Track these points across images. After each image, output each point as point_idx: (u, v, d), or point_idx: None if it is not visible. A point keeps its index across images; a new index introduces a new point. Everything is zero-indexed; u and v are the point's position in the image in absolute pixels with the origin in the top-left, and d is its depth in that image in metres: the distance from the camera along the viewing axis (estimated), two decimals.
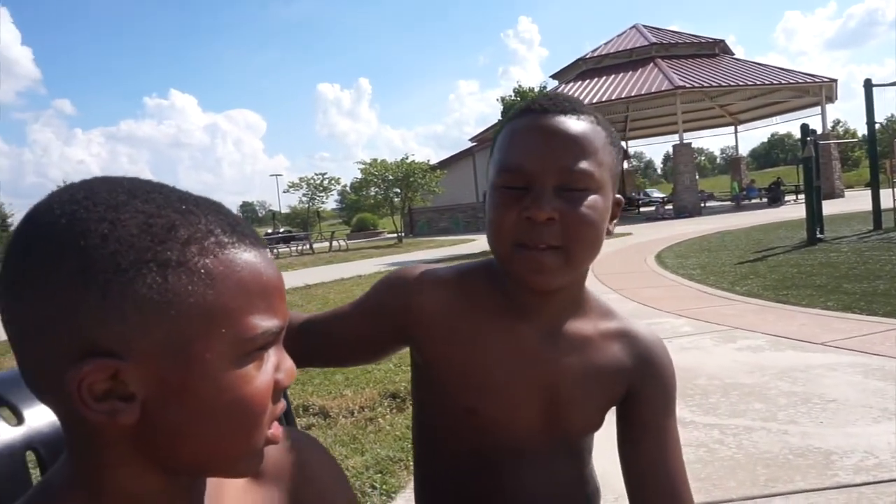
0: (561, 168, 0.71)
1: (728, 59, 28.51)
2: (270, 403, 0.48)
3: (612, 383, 0.81)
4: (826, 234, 9.69)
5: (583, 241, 0.72)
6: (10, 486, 0.60)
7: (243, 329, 0.45)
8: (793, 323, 4.44)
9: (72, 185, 0.45)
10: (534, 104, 0.76)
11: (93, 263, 0.41)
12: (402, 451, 2.66)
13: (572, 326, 0.81)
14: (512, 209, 0.72)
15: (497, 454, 0.81)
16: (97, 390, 0.42)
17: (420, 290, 0.80)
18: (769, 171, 60.46)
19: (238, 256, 0.45)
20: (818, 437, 2.45)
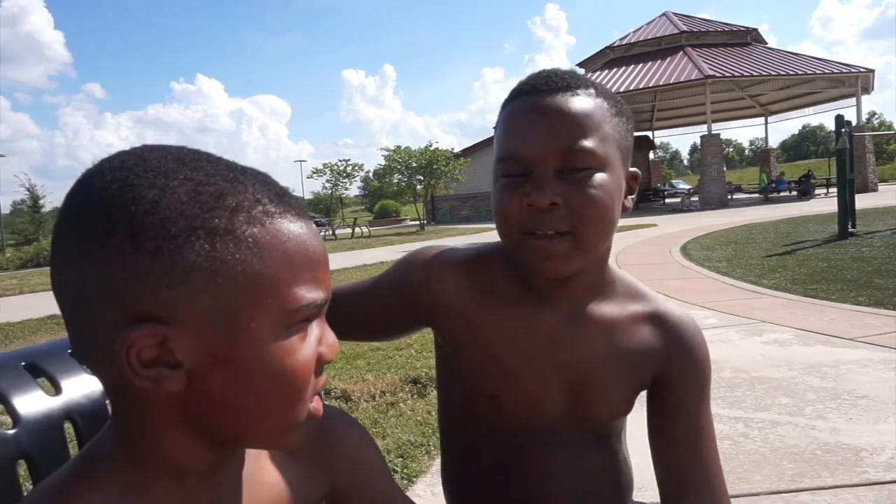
0: (559, 149, 0.68)
1: (760, 48, 27.84)
2: (313, 377, 0.48)
3: (641, 367, 0.79)
4: (858, 228, 9.47)
5: (592, 224, 0.69)
6: (49, 454, 0.61)
7: (288, 299, 0.45)
8: (822, 317, 4.35)
9: (122, 151, 0.45)
10: (525, 85, 0.73)
11: (143, 230, 0.41)
12: (423, 436, 2.67)
13: (597, 309, 0.78)
14: (514, 197, 0.70)
15: (522, 440, 0.80)
16: (145, 357, 0.42)
17: (441, 272, 0.79)
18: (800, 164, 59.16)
19: (284, 226, 0.45)
20: (847, 434, 2.41)
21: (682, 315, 0.82)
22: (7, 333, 6.29)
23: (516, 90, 0.74)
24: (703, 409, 0.80)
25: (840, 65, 25.65)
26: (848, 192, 9.14)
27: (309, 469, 0.59)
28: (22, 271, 18.00)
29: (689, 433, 0.78)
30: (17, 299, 9.78)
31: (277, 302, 0.44)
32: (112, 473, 0.46)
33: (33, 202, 35.10)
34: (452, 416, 0.87)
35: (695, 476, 0.77)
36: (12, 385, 0.62)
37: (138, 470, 0.47)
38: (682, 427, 0.79)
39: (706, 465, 0.78)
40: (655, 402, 0.81)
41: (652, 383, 0.80)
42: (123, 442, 0.47)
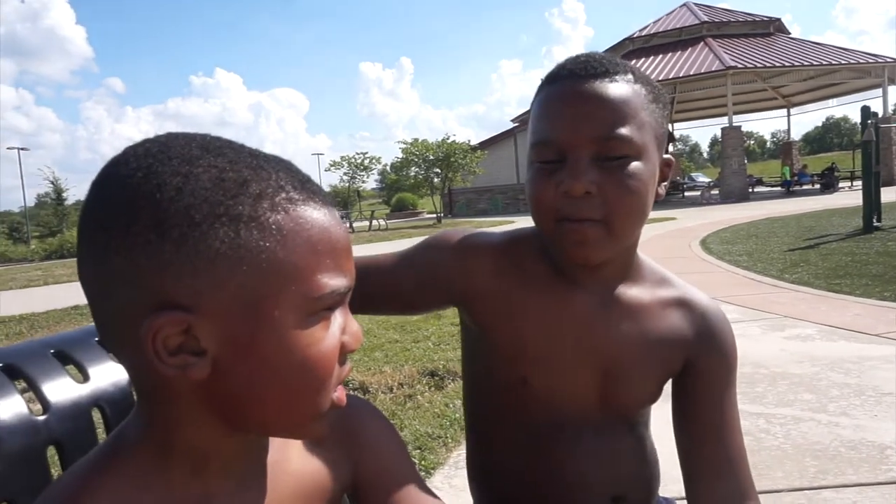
0: (595, 137, 0.67)
1: (783, 39, 27.35)
2: (337, 366, 0.48)
3: (671, 353, 0.78)
4: (883, 221, 9.28)
5: (625, 213, 0.69)
6: (78, 440, 0.62)
7: (312, 287, 0.44)
8: (846, 313, 4.27)
9: (147, 139, 0.46)
10: (562, 69, 0.71)
11: (168, 217, 0.41)
12: (440, 428, 2.68)
13: (627, 294, 0.78)
14: (549, 184, 0.69)
15: (551, 425, 0.79)
16: (170, 344, 0.42)
17: (476, 253, 0.79)
18: (823, 157, 58.14)
19: (308, 213, 0.45)
20: (872, 431, 2.37)
21: (710, 302, 0.82)
22: (32, 323, 6.42)
23: (553, 74, 0.73)
24: (728, 398, 0.80)
25: (866, 54, 25.10)
26: (873, 184, 8.96)
27: (333, 457, 0.59)
28: (46, 262, 18.34)
29: (715, 421, 0.78)
30: (42, 290, 9.97)
31: (301, 289, 0.44)
32: (137, 460, 0.47)
33: (57, 195, 35.70)
34: (480, 400, 0.86)
35: (721, 464, 0.77)
36: (42, 372, 0.63)
37: (163, 457, 0.47)
38: (707, 415, 0.78)
39: (731, 454, 0.77)
40: (682, 389, 0.81)
41: (680, 370, 0.80)
42: (148, 429, 0.47)
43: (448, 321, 4.78)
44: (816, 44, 26.70)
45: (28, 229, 34.97)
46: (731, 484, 0.76)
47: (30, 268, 16.20)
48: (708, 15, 28.31)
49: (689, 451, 0.79)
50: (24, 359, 0.63)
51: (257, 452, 0.53)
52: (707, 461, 0.78)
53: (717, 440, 0.78)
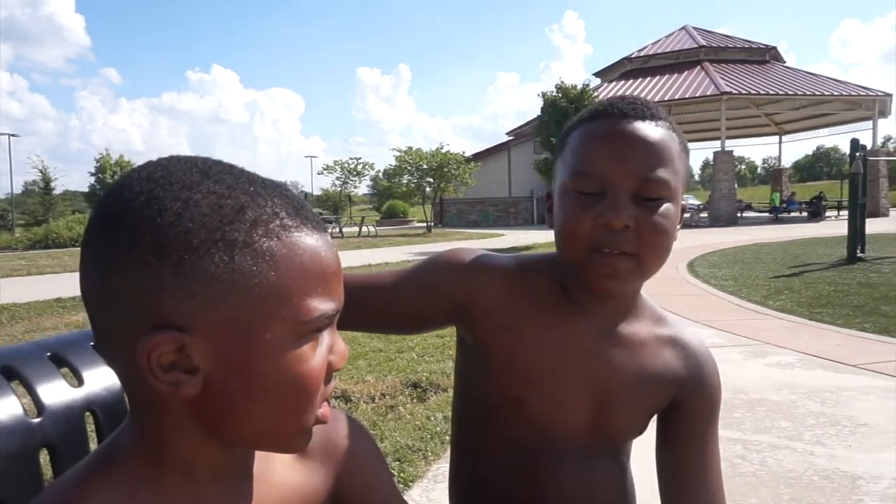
0: (638, 176, 0.71)
1: (778, 67, 27.75)
2: (322, 384, 0.50)
3: (661, 389, 0.81)
4: (867, 253, 9.42)
5: (655, 250, 0.72)
6: (71, 444, 0.63)
7: (302, 311, 0.46)
8: (826, 342, 4.34)
9: (150, 162, 0.48)
10: (611, 107, 0.75)
11: (167, 241, 0.43)
12: (421, 441, 2.68)
13: (627, 328, 0.81)
14: (587, 214, 0.72)
15: (539, 449, 0.81)
16: (164, 361, 0.44)
17: (483, 274, 0.81)
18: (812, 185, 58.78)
19: (300, 240, 0.47)
20: (845, 461, 2.41)
21: (699, 343, 0.86)
22: (13, 314, 6.35)
23: (598, 111, 0.76)
24: (710, 437, 0.82)
25: (858, 87, 25.53)
26: (859, 216, 9.10)
27: (315, 469, 0.61)
28: (30, 252, 18.14)
29: (697, 459, 0.81)
30: (25, 280, 9.87)
31: (292, 313, 0.46)
32: (129, 468, 0.48)
33: (45, 184, 35.34)
34: (471, 417, 0.88)
35: (701, 497, 0.80)
36: (38, 375, 0.64)
37: (155, 466, 0.49)
38: (689, 452, 0.81)
39: (711, 492, 0.80)
40: (666, 426, 0.84)
41: (667, 406, 0.83)
42: (141, 439, 0.49)
43: (432, 333, 4.79)
44: (810, 74, 27.15)
45: (13, 217, 34.56)
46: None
47: (13, 256, 16.02)
48: (706, 39, 28.70)
49: (670, 488, 0.82)
50: (20, 360, 0.65)
51: (244, 463, 0.54)
52: (687, 495, 0.80)
53: (697, 479, 0.80)
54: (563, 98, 15.99)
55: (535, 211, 28.84)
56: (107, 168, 36.62)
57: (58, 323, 5.82)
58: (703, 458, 0.81)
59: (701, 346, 0.85)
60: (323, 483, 0.61)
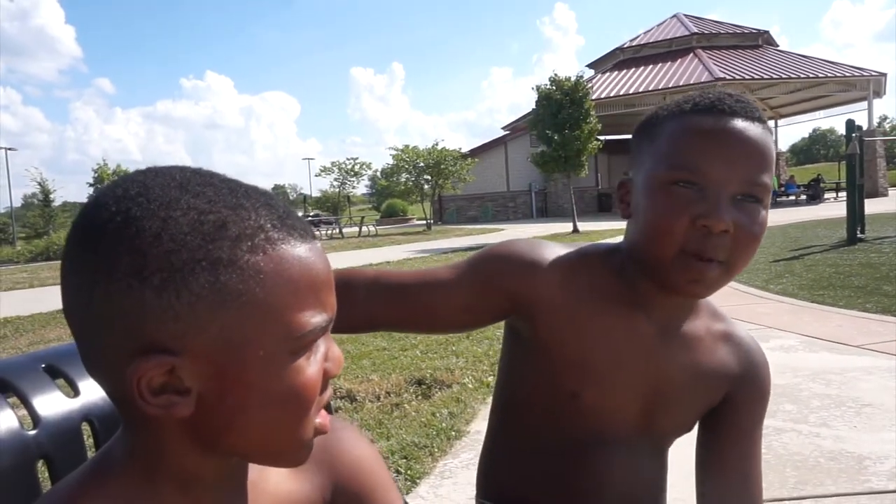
0: (744, 178, 0.69)
1: (771, 51, 27.69)
2: (319, 393, 0.49)
3: (715, 386, 0.81)
4: (867, 233, 9.41)
5: (746, 257, 0.71)
6: (68, 455, 0.63)
7: (294, 326, 0.45)
8: (828, 324, 4.34)
9: (125, 178, 0.46)
10: (720, 103, 0.71)
11: (147, 263, 0.41)
12: (427, 438, 2.69)
13: (686, 325, 0.80)
14: (684, 213, 0.69)
15: (589, 442, 0.81)
16: (154, 384, 0.43)
17: (542, 267, 0.78)
18: (809, 168, 58.72)
19: (287, 252, 0.45)
20: (851, 442, 2.41)
21: (751, 339, 0.85)
22: (17, 327, 6.35)
23: (707, 105, 0.72)
24: (757, 435, 0.83)
25: (851, 68, 25.47)
26: (857, 197, 9.09)
27: (310, 477, 0.60)
28: (32, 265, 18.15)
29: (742, 458, 0.81)
30: (28, 292, 9.87)
31: (283, 329, 0.45)
32: (123, 479, 0.48)
33: (44, 196, 35.32)
34: (520, 406, 0.86)
35: (739, 495, 0.80)
36: (33, 387, 0.64)
37: (148, 477, 0.48)
38: (735, 451, 0.81)
39: (752, 494, 0.80)
40: (714, 422, 0.83)
41: (719, 403, 0.82)
42: (134, 449, 0.49)
43: None
44: (804, 56, 27.06)
45: (14, 230, 34.57)
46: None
47: (15, 269, 16.03)
48: (698, 26, 28.62)
49: (712, 485, 0.81)
50: (14, 373, 0.64)
51: (239, 472, 0.54)
52: (729, 498, 0.80)
53: (741, 479, 0.80)
54: (558, 91, 15.89)
55: (533, 204, 28.81)
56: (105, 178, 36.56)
57: (62, 334, 5.82)
58: (748, 458, 0.81)
59: (753, 342, 0.85)
60: (319, 491, 0.60)
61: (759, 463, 0.81)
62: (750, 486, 0.80)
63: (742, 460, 0.80)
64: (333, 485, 0.61)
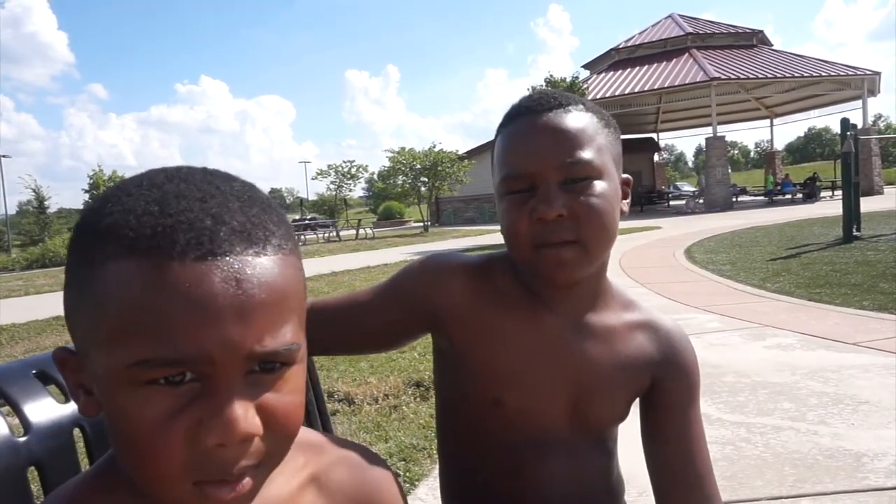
0: (560, 163, 0.72)
1: (766, 51, 27.78)
2: (178, 453, 0.41)
3: (638, 374, 0.82)
4: (863, 231, 9.44)
5: (596, 231, 0.73)
6: (59, 461, 0.63)
7: (122, 354, 0.40)
8: (825, 322, 4.35)
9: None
10: (520, 107, 0.77)
11: (72, 269, 0.44)
12: (425, 440, 2.68)
13: (596, 318, 0.81)
14: (523, 213, 0.73)
15: (523, 445, 0.82)
16: (73, 381, 0.46)
17: (449, 276, 0.81)
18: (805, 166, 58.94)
19: (136, 270, 0.40)
20: (849, 439, 2.41)
21: (672, 324, 0.87)
22: (13, 334, 6.33)
23: (512, 112, 0.78)
24: (692, 413, 0.83)
25: (846, 67, 25.57)
26: (853, 195, 9.12)
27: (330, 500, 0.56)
28: (28, 272, 18.10)
29: (680, 436, 0.82)
30: (23, 300, 9.84)
31: (114, 353, 0.40)
32: (126, 485, 0.47)
33: (39, 203, 35.17)
34: (453, 422, 0.88)
35: (687, 477, 0.81)
36: (24, 393, 0.64)
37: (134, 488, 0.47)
38: (673, 430, 0.82)
39: (697, 467, 0.81)
40: (649, 407, 0.84)
41: (646, 389, 0.84)
42: None
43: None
44: (798, 56, 27.15)
45: (9, 238, 34.49)
46: (699, 495, 0.80)
47: (10, 277, 15.98)
48: (693, 26, 28.71)
49: (658, 466, 0.83)
50: (5, 379, 0.64)
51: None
52: (673, 475, 0.81)
53: (684, 454, 0.82)
54: None
55: None
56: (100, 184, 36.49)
57: (58, 341, 5.80)
58: (688, 437, 0.82)
59: (674, 328, 0.86)
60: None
61: (700, 441, 0.82)
62: (696, 464, 0.81)
63: (682, 441, 0.82)
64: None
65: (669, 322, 0.86)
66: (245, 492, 0.43)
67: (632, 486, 1.06)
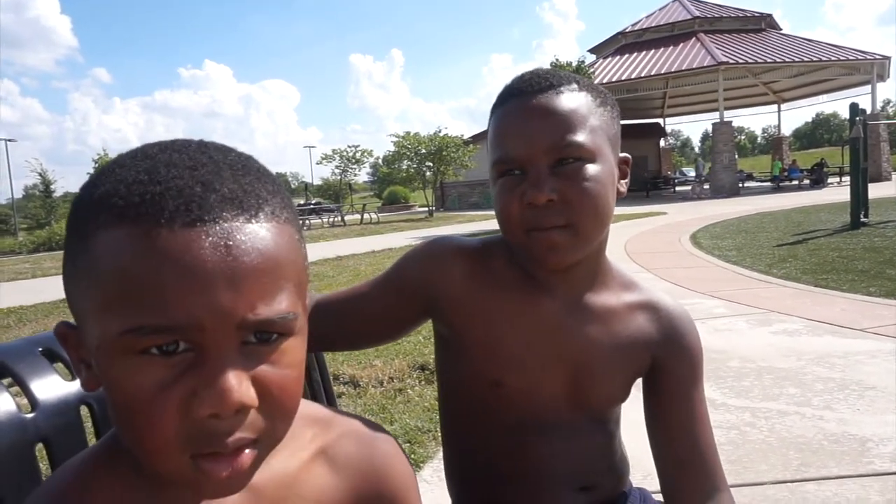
0: (549, 146, 0.71)
1: (774, 35, 27.45)
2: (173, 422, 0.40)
3: (638, 354, 0.82)
4: (871, 217, 9.38)
5: (588, 214, 0.72)
6: (66, 438, 0.63)
7: (114, 321, 0.40)
8: (832, 308, 4.33)
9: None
10: (511, 89, 0.76)
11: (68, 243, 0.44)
12: (430, 422, 2.70)
13: (595, 299, 0.81)
14: (514, 196, 0.73)
15: (524, 426, 0.82)
16: (75, 356, 0.46)
17: (447, 260, 0.81)
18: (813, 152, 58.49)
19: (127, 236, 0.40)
20: (854, 424, 2.41)
21: (675, 304, 0.86)
22: (21, 317, 6.38)
23: (503, 95, 0.77)
24: (696, 394, 0.83)
25: (855, 51, 25.25)
26: (861, 181, 9.04)
27: (338, 480, 0.56)
28: (35, 255, 18.20)
29: (683, 417, 0.81)
30: (30, 283, 9.90)
31: (107, 321, 0.40)
32: (130, 459, 0.47)
33: (45, 187, 35.33)
34: (455, 404, 0.89)
35: (690, 457, 0.80)
36: (30, 370, 0.64)
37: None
38: (676, 411, 0.82)
39: (700, 447, 0.81)
40: (651, 388, 0.84)
41: (647, 370, 0.83)
42: None
43: None
44: (807, 40, 26.82)
45: (16, 221, 34.68)
46: (703, 476, 0.80)
47: (17, 260, 16.07)
48: (700, 10, 28.36)
49: (661, 447, 0.83)
50: (12, 357, 0.64)
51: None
52: (679, 456, 0.81)
53: (687, 435, 0.81)
54: None
55: None
56: None
57: None
58: (691, 419, 0.81)
59: (676, 307, 0.85)
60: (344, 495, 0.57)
61: (704, 422, 0.82)
62: (700, 445, 0.80)
63: (686, 421, 0.81)
64: (359, 495, 0.58)
65: (671, 302, 0.85)
66: (243, 469, 0.42)
67: (637, 469, 1.06)
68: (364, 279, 0.90)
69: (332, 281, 7.16)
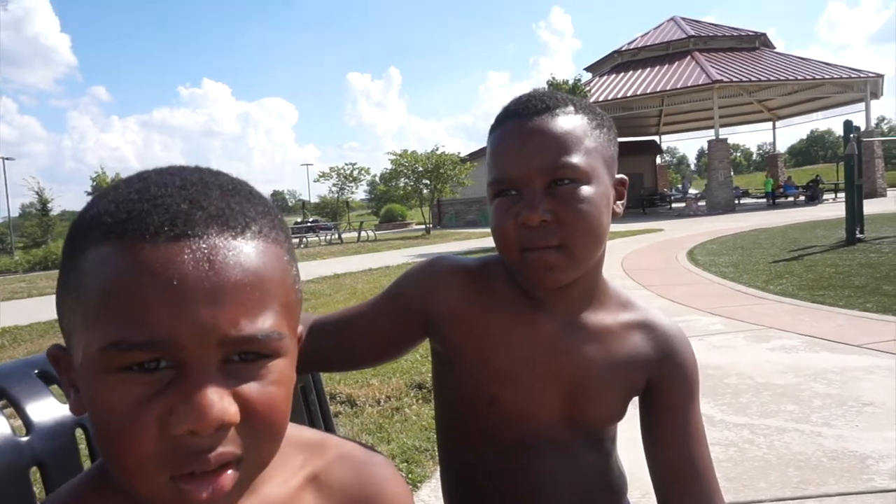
0: (544, 168, 0.72)
1: (768, 53, 27.76)
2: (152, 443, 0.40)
3: (634, 373, 0.82)
4: (866, 233, 9.42)
5: (582, 235, 0.73)
6: (62, 461, 0.63)
7: (96, 337, 0.40)
8: (829, 324, 4.33)
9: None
10: (508, 111, 0.77)
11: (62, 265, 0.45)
12: (427, 441, 2.68)
13: (591, 318, 0.81)
14: (509, 217, 0.74)
15: (521, 444, 0.82)
16: (66, 378, 0.45)
17: (446, 279, 0.82)
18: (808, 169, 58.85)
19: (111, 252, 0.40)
20: (853, 441, 2.40)
21: (671, 324, 0.86)
22: (16, 336, 6.34)
23: (501, 116, 0.79)
24: (692, 413, 0.83)
25: (849, 69, 25.52)
26: (856, 197, 9.09)
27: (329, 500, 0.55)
28: (30, 274, 18.13)
29: (680, 435, 0.82)
30: (26, 302, 9.85)
31: (90, 338, 0.40)
32: (115, 485, 0.46)
33: (42, 205, 35.30)
34: (451, 422, 0.89)
35: (687, 476, 0.81)
36: (26, 393, 0.63)
37: None
38: (672, 430, 0.82)
39: (697, 465, 0.81)
40: (647, 407, 0.84)
41: (644, 389, 0.84)
42: None
43: None
44: (801, 58, 27.11)
45: (12, 240, 34.58)
46: (700, 494, 0.80)
47: (13, 279, 16.01)
48: (695, 29, 28.71)
49: (658, 465, 0.83)
50: (7, 379, 0.64)
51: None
52: (675, 474, 0.81)
53: (684, 453, 0.81)
54: None
55: None
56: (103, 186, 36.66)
57: (60, 343, 5.80)
58: (688, 437, 0.82)
59: (672, 327, 0.85)
60: None
61: (700, 440, 0.82)
62: (695, 463, 0.81)
63: (682, 440, 0.81)
64: None
65: (667, 321, 0.86)
66: (224, 490, 0.41)
67: (634, 488, 1.06)
68: (361, 297, 0.90)
69: (329, 299, 7.14)
